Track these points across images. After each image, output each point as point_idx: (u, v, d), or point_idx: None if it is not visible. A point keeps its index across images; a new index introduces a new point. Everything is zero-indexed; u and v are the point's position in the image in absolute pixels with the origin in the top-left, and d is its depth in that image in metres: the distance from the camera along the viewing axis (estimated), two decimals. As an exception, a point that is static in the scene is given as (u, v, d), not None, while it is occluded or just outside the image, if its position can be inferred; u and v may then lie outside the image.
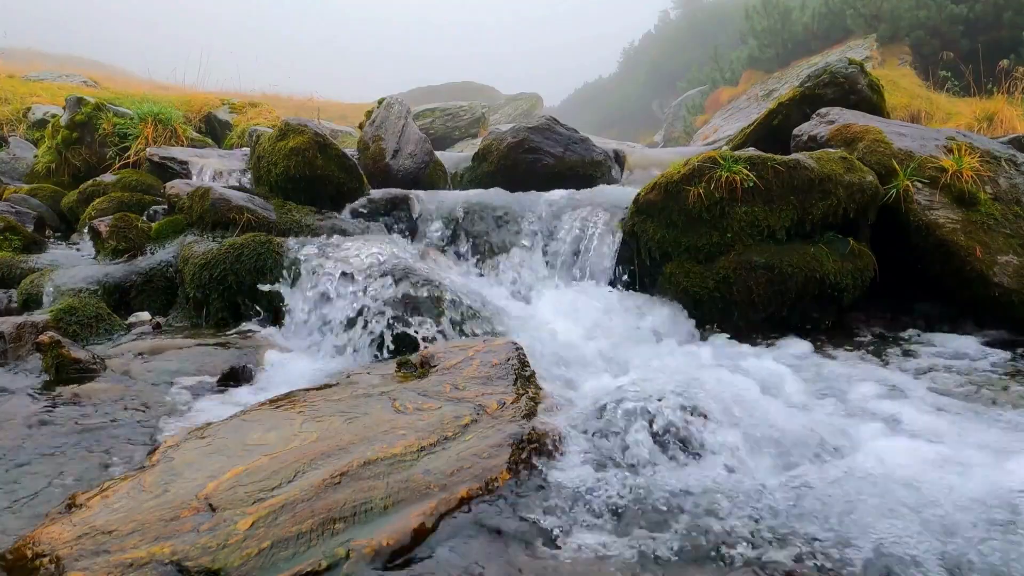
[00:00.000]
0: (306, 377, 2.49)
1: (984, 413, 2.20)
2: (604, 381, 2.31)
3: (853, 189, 3.31)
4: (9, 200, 5.24)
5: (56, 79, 11.71)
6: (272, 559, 1.20)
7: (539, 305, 3.23)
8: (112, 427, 1.99)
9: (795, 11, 16.64)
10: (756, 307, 3.20)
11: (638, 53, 34.97)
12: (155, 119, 6.67)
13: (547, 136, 5.01)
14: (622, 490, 1.56)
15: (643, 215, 3.44)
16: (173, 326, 3.15)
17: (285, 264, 3.10)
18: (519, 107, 20.70)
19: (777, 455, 1.78)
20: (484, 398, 1.89)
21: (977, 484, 1.57)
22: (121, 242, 3.73)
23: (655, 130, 22.83)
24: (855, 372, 2.64)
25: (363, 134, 5.33)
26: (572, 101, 38.11)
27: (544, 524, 1.42)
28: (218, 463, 1.54)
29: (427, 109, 13.95)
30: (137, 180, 5.53)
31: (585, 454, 1.75)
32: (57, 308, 2.91)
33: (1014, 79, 8.67)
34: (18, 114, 8.47)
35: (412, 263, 3.05)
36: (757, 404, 2.05)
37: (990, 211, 3.39)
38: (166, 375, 2.47)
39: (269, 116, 8.83)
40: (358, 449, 1.58)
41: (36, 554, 1.22)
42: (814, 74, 4.72)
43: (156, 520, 1.30)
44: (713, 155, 3.32)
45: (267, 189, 4.21)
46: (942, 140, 3.83)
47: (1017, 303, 3.13)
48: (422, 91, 23.48)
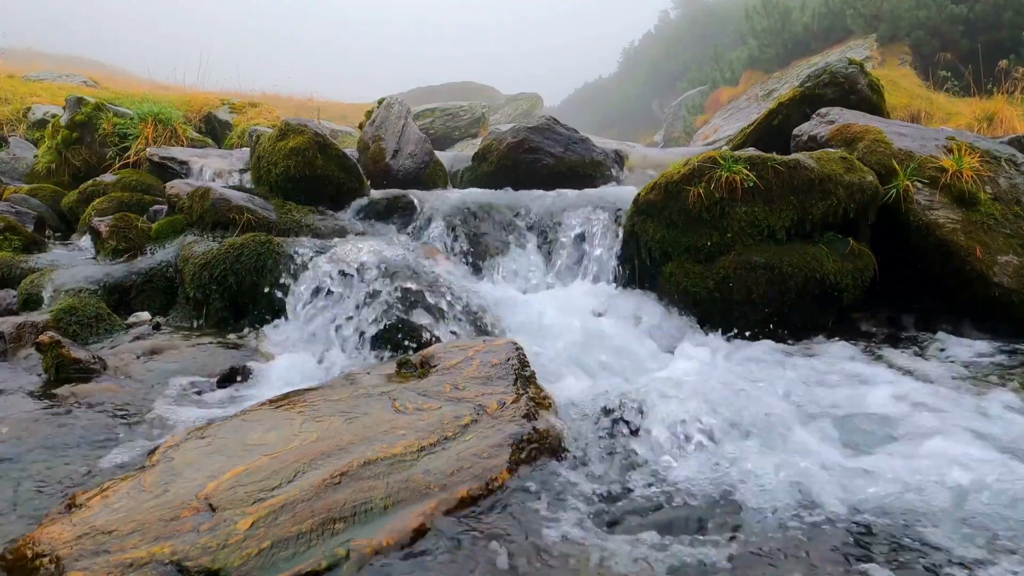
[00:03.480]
0: (306, 377, 2.49)
1: (985, 413, 2.20)
2: (604, 381, 2.31)
3: (853, 189, 3.31)
4: (9, 200, 5.24)
5: (56, 79, 11.71)
6: (272, 559, 1.20)
7: (539, 305, 3.23)
8: (112, 427, 2.00)
9: (795, 11, 16.64)
10: (756, 307, 3.20)
11: (638, 53, 34.97)
12: (155, 119, 6.67)
13: (547, 136, 5.01)
14: (622, 490, 1.57)
15: (643, 215, 3.44)
16: (173, 326, 3.15)
17: (285, 264, 3.10)
18: (519, 107, 20.69)
19: (778, 457, 1.78)
20: (484, 398, 1.89)
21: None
22: (121, 242, 3.73)
23: (655, 130, 22.82)
24: (855, 372, 2.64)
25: (363, 134, 5.33)
26: (572, 101, 38.11)
27: (544, 524, 1.42)
28: (218, 463, 1.54)
29: (427, 109, 13.95)
30: (137, 180, 5.53)
31: (585, 454, 1.75)
32: (57, 308, 2.91)
33: (1014, 79, 8.68)
34: (18, 114, 8.47)
35: (412, 263, 3.05)
36: (757, 405, 2.05)
37: (990, 211, 3.39)
38: (166, 375, 2.47)
39: (269, 116, 8.82)
40: (358, 449, 1.58)
41: (36, 554, 1.22)
42: (814, 74, 4.72)
43: (156, 520, 1.30)
44: (713, 155, 3.32)
45: (267, 189, 4.21)
46: (942, 140, 3.83)
47: (1017, 303, 3.13)
48: (422, 91, 23.47)
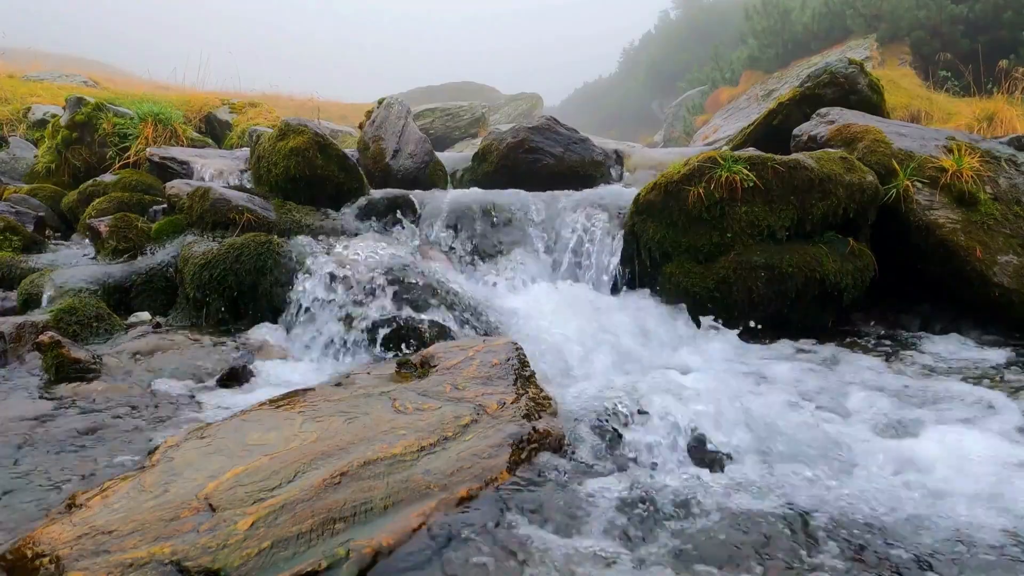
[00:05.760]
0: (306, 377, 2.49)
1: (985, 414, 2.20)
2: (604, 382, 2.31)
3: (853, 189, 3.31)
4: (9, 200, 5.23)
5: (56, 79, 11.69)
6: (272, 559, 1.20)
7: (539, 305, 3.22)
8: (112, 427, 2.00)
9: (795, 11, 16.62)
10: (756, 307, 3.20)
11: (638, 53, 34.95)
12: (155, 119, 6.66)
13: (547, 136, 5.01)
14: (622, 490, 1.57)
15: (643, 215, 3.44)
16: (173, 326, 3.15)
17: (285, 264, 3.10)
18: (519, 107, 20.66)
19: (779, 457, 1.78)
20: (484, 398, 1.89)
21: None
22: (121, 242, 3.72)
23: (655, 130, 22.82)
24: (854, 372, 2.64)
25: (363, 134, 5.33)
26: (572, 101, 38.10)
27: (544, 524, 1.42)
28: (218, 463, 1.54)
29: (427, 109, 13.94)
30: (137, 180, 5.52)
31: (585, 454, 1.75)
32: (57, 308, 2.91)
33: (1014, 79, 8.67)
34: (18, 114, 8.45)
35: (412, 263, 3.05)
36: (756, 405, 2.05)
37: (990, 211, 3.39)
38: (166, 375, 2.47)
39: (269, 116, 8.82)
40: (358, 449, 1.58)
41: (36, 554, 1.22)
42: (814, 74, 4.72)
43: (156, 520, 1.30)
44: (713, 155, 3.32)
45: (267, 189, 4.21)
46: (942, 140, 3.83)
47: (1017, 303, 3.13)
48: (422, 91, 23.44)
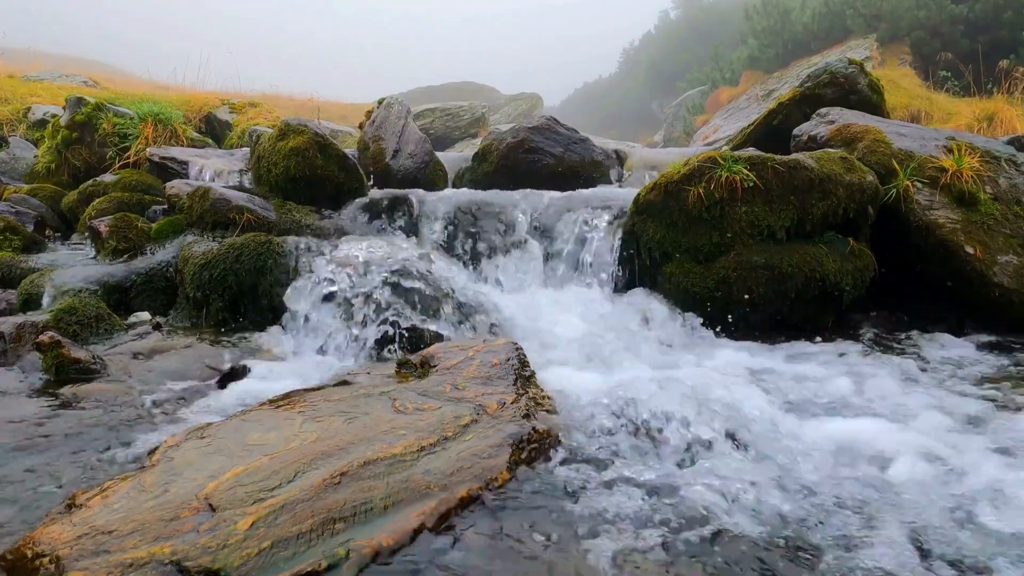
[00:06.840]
0: (306, 377, 2.49)
1: (985, 415, 2.20)
2: (604, 382, 2.31)
3: (853, 189, 3.31)
4: (9, 200, 5.23)
5: (56, 79, 11.69)
6: (272, 559, 1.20)
7: (539, 305, 3.23)
8: (112, 427, 2.00)
9: (795, 11, 16.62)
10: (756, 307, 3.20)
11: (638, 53, 34.94)
12: (155, 119, 6.67)
13: (547, 136, 5.01)
14: (623, 491, 1.57)
15: (643, 215, 3.44)
16: (173, 326, 3.15)
17: (285, 264, 3.10)
18: (519, 107, 20.66)
19: (780, 458, 1.78)
20: (484, 398, 1.89)
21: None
22: (121, 242, 3.73)
23: (655, 130, 22.82)
24: (854, 372, 2.64)
25: (363, 134, 5.32)
26: (572, 101, 38.10)
27: (544, 524, 1.42)
28: (218, 463, 1.54)
29: (427, 109, 13.94)
30: (137, 180, 5.52)
31: (585, 454, 1.75)
32: (57, 308, 2.91)
33: (1014, 79, 8.67)
34: (18, 114, 8.45)
35: (412, 263, 3.05)
36: (755, 405, 2.05)
37: (990, 211, 3.39)
38: (166, 375, 2.47)
39: (269, 116, 8.82)
40: (358, 449, 1.58)
41: (36, 554, 1.22)
42: (814, 74, 4.72)
43: (156, 520, 1.30)
44: (713, 155, 3.32)
45: (267, 189, 4.21)
46: (942, 140, 3.83)
47: (1017, 303, 3.14)
48: (422, 91, 23.43)
